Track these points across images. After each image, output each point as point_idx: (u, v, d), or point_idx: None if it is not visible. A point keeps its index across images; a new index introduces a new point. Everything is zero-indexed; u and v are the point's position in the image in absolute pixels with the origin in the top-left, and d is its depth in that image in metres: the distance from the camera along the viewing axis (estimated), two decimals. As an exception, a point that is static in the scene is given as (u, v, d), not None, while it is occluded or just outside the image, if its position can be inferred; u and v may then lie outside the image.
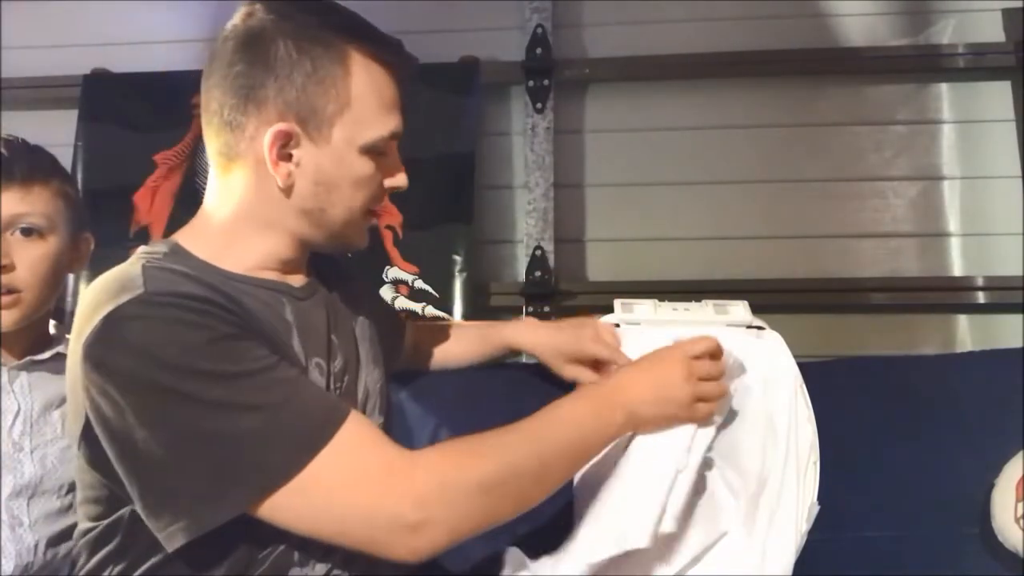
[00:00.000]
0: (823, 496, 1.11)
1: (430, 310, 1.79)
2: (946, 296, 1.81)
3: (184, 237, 0.89)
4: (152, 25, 2.02)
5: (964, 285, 1.80)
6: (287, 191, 0.86)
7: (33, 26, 2.04)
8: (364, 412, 0.96)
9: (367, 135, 0.87)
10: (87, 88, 1.96)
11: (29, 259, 1.08)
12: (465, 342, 1.23)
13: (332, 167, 0.87)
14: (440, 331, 1.26)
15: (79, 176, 1.88)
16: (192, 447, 0.75)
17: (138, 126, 1.91)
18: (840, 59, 1.90)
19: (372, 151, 0.88)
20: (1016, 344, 1.46)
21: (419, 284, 1.80)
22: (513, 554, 1.03)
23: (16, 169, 1.07)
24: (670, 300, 1.30)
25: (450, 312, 1.80)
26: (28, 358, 1.10)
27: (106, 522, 0.81)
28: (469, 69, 1.90)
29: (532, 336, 1.19)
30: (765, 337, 1.23)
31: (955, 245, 1.84)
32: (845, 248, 1.86)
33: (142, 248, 0.88)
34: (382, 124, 0.89)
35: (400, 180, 0.95)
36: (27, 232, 1.08)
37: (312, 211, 0.88)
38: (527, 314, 1.84)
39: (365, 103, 0.87)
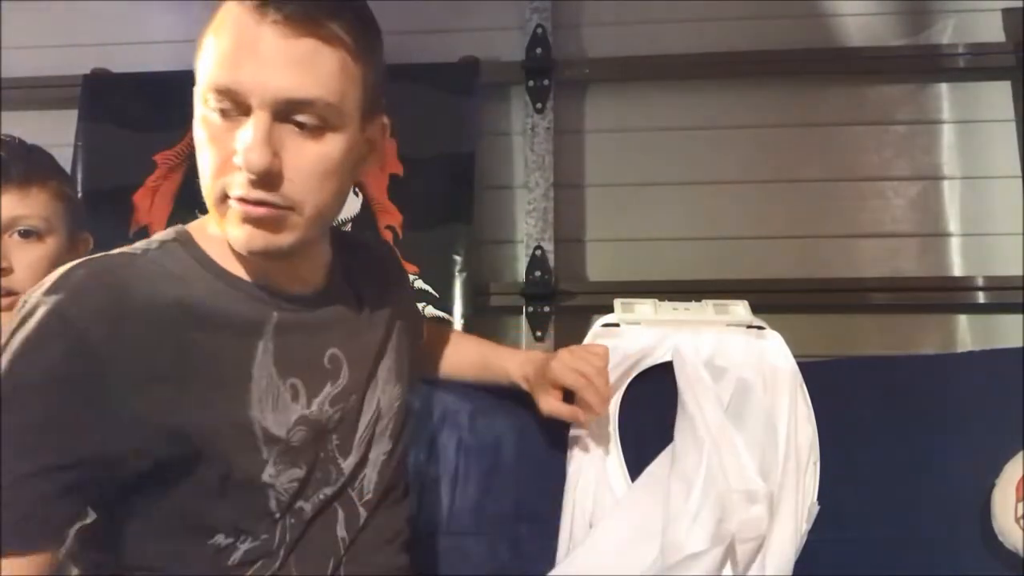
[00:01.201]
0: (823, 496, 1.11)
1: (430, 310, 1.79)
2: (946, 296, 1.81)
3: (202, 224, 0.84)
4: (152, 25, 2.02)
5: (964, 285, 1.80)
6: None
7: (33, 26, 2.04)
8: (372, 436, 0.91)
9: (204, 79, 0.75)
10: (87, 88, 1.96)
11: (28, 261, 1.07)
12: (469, 363, 1.20)
13: (196, 118, 0.78)
14: (447, 344, 1.22)
15: (79, 176, 1.88)
16: None
17: (138, 126, 1.91)
18: (840, 59, 1.90)
19: (217, 106, 0.74)
20: (1016, 344, 1.45)
21: (419, 284, 1.80)
22: None
23: (14, 171, 1.07)
24: (670, 300, 1.31)
25: (450, 312, 1.80)
26: None
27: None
28: (469, 69, 1.90)
29: (521, 371, 1.13)
30: (765, 337, 1.24)
31: (955, 245, 1.84)
32: (845, 248, 1.86)
33: (157, 235, 0.84)
34: (211, 72, 0.74)
35: (243, 156, 0.72)
36: (25, 234, 1.08)
37: None
38: (527, 315, 1.84)
39: (209, 49, 0.75)
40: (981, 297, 1.78)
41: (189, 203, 1.85)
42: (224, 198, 0.75)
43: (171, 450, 0.74)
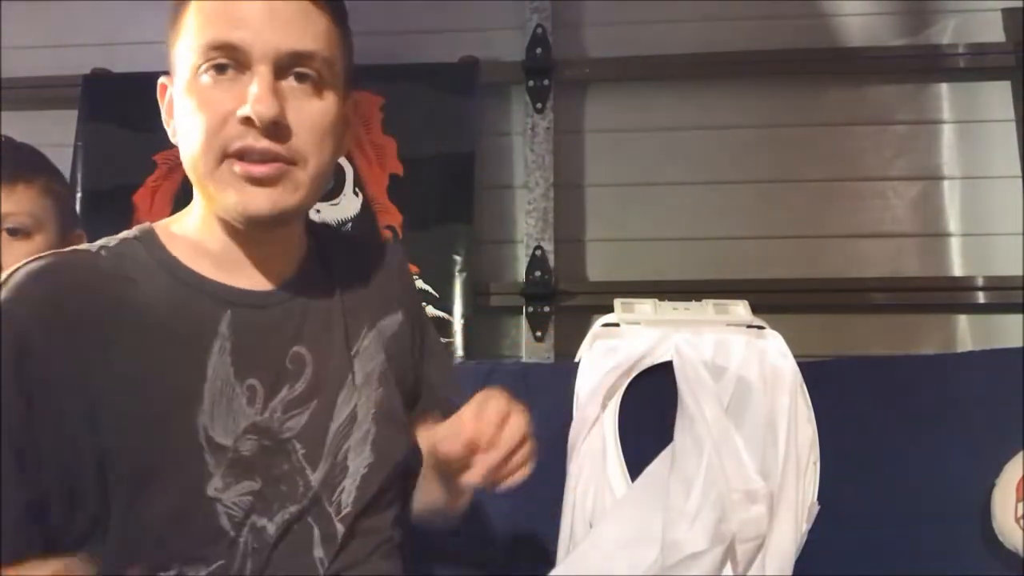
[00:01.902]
0: (823, 496, 1.11)
1: (430, 310, 1.79)
2: (946, 296, 1.81)
3: (170, 222, 0.83)
4: (152, 25, 2.00)
5: (964, 285, 1.80)
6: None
7: (33, 26, 2.04)
8: (346, 445, 0.80)
9: (192, 46, 0.74)
10: (87, 88, 1.96)
11: (15, 260, 1.05)
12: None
13: (179, 97, 0.76)
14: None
15: (79, 176, 1.88)
16: None
17: (138, 126, 1.90)
18: (840, 59, 1.90)
19: (210, 67, 0.73)
20: (1016, 344, 1.46)
21: (419, 284, 1.80)
22: None
23: (0, 169, 1.05)
24: (670, 300, 1.31)
25: (450, 312, 1.80)
26: None
27: None
28: (469, 69, 1.90)
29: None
30: (765, 337, 1.24)
31: (955, 245, 1.84)
32: (845, 248, 1.86)
33: (122, 233, 0.81)
34: (204, 31, 0.73)
35: (252, 108, 0.71)
36: (13, 232, 1.06)
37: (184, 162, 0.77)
38: (527, 314, 1.84)
39: (192, 14, 0.75)
40: (981, 297, 1.78)
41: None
42: (222, 159, 0.73)
43: (111, 465, 0.70)
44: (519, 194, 1.93)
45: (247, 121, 0.72)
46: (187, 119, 0.75)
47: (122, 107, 1.93)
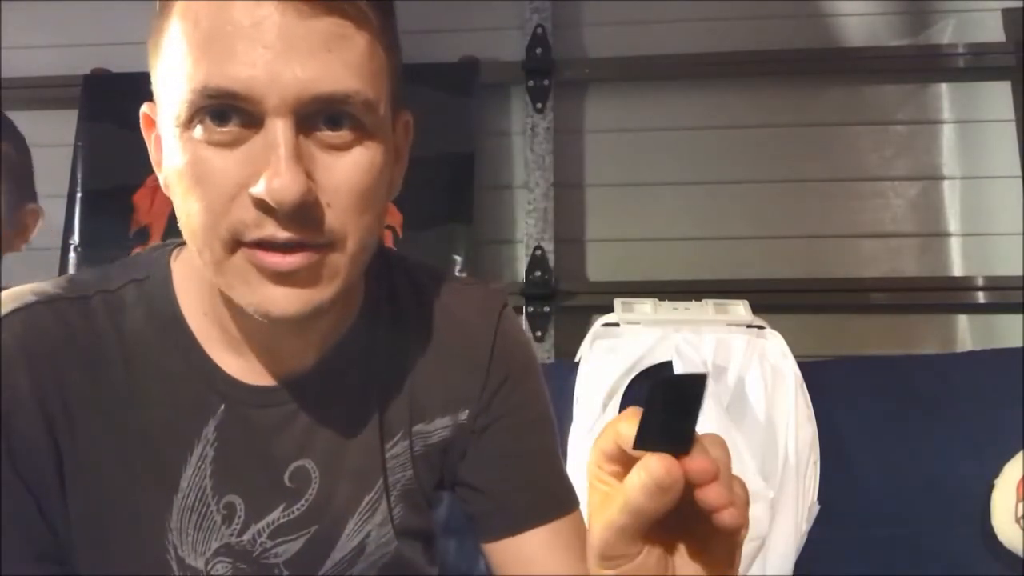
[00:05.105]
0: (824, 496, 1.11)
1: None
2: (946, 296, 1.81)
3: (188, 257, 0.66)
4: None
5: (964, 285, 1.80)
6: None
7: (33, 26, 2.04)
8: (348, 571, 0.69)
9: (179, 83, 0.54)
10: (87, 88, 1.96)
11: None
12: None
13: (167, 144, 0.57)
14: None
15: (79, 176, 1.88)
16: None
17: (138, 126, 1.89)
18: (840, 59, 1.90)
19: (207, 119, 0.53)
20: (1016, 344, 1.46)
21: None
22: None
23: None
24: (670, 300, 1.31)
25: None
26: None
27: None
28: (469, 69, 1.90)
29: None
30: (765, 337, 1.24)
31: (955, 245, 1.84)
32: (845, 248, 1.86)
33: (132, 263, 0.68)
34: (194, 71, 0.53)
35: (267, 186, 0.52)
36: None
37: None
38: (527, 315, 1.84)
39: (178, 43, 0.54)
40: (981, 297, 1.78)
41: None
42: (234, 248, 0.55)
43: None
44: (519, 194, 1.93)
45: (263, 204, 0.53)
46: (180, 186, 0.56)
47: (122, 107, 1.91)
